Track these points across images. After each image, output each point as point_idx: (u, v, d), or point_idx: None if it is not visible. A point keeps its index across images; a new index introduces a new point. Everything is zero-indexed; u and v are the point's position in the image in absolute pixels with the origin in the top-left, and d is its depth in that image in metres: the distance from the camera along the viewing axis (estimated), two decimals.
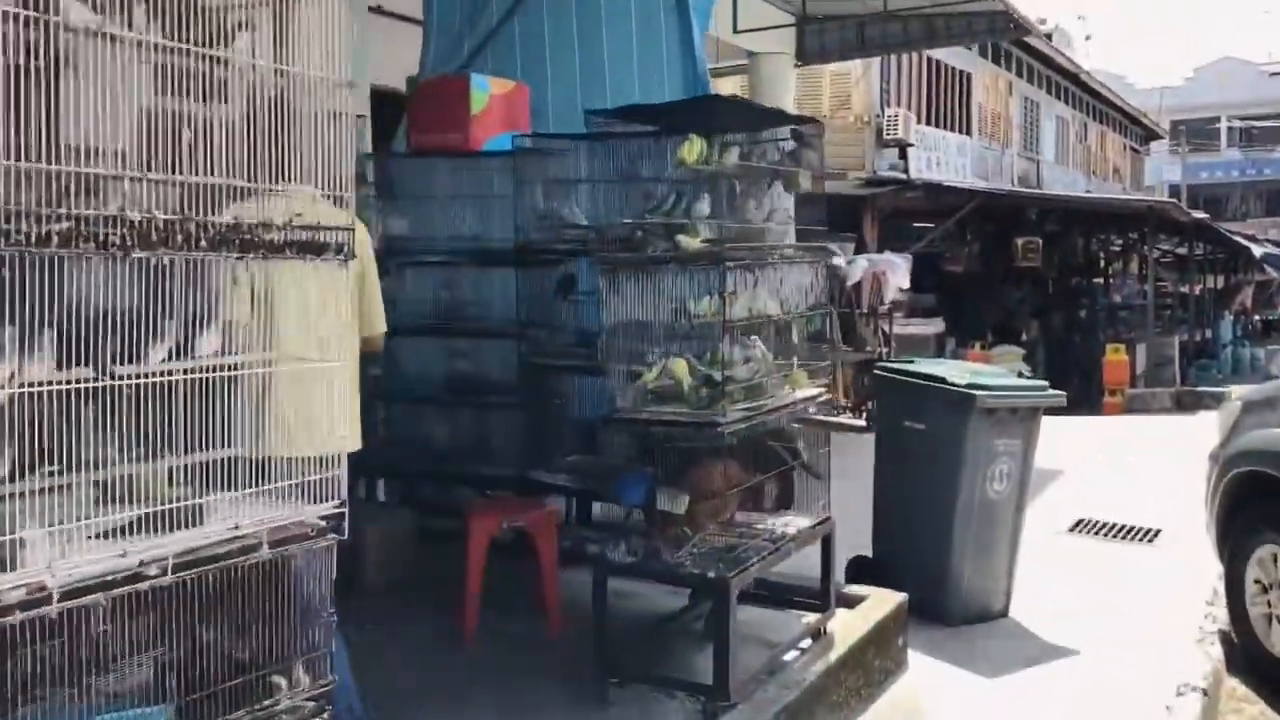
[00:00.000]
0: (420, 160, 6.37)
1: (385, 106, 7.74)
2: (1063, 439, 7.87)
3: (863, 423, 10.90)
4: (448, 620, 5.41)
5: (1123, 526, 8.64)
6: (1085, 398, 17.75)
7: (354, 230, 2.65)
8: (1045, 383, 6.58)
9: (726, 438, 4.34)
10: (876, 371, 6.85)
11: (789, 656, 5.14)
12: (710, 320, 4.41)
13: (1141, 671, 5.79)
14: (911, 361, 6.97)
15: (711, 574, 4.43)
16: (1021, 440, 6.40)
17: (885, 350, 12.21)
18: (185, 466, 2.47)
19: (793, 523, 5.17)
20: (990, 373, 6.66)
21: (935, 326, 18.81)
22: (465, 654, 5.23)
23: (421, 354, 6.60)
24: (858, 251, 15.08)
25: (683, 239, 4.45)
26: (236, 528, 2.39)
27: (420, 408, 6.51)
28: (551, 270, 6.02)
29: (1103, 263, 28.57)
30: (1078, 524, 8.73)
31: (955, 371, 6.47)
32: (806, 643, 5.30)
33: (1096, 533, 8.56)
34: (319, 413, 2.73)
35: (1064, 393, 6.45)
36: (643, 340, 4.50)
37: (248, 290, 2.55)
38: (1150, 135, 42.12)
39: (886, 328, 12.43)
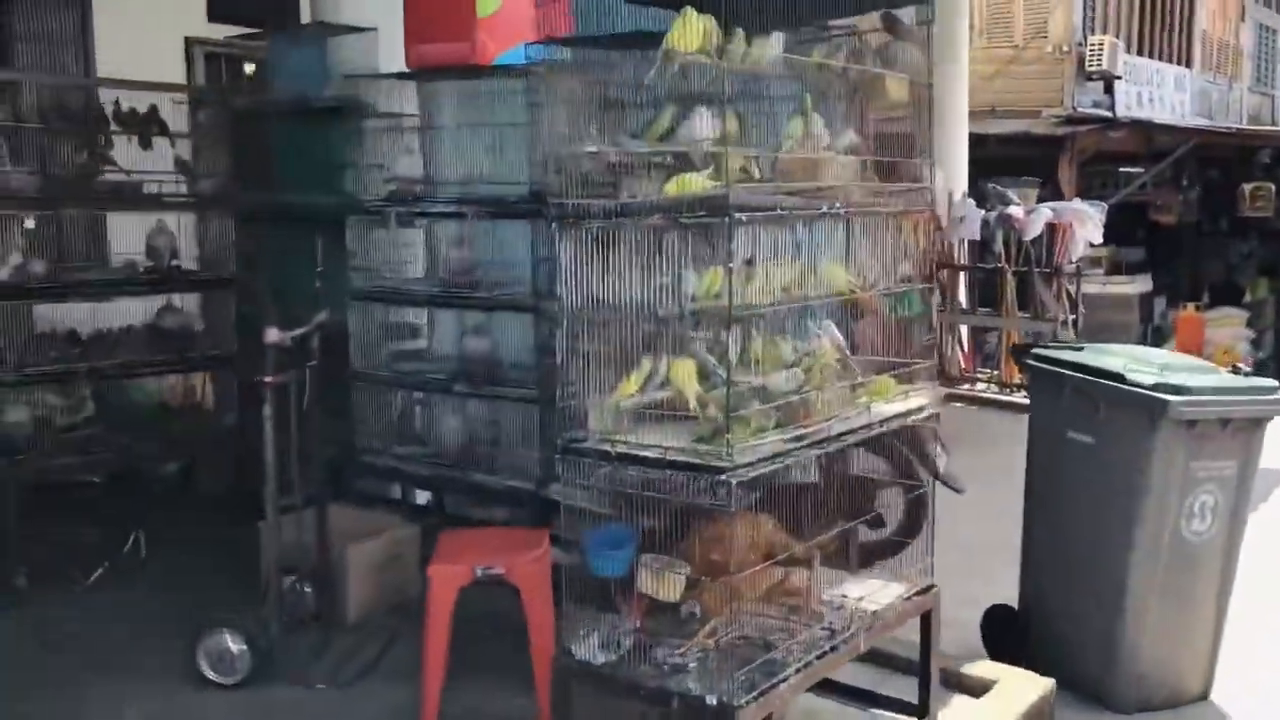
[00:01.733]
0: (422, 82, 4.90)
1: None
2: None
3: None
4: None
5: None
6: None
7: None
8: (1273, 383, 4.59)
9: (735, 491, 2.71)
10: (1029, 361, 5.00)
11: None
12: (708, 306, 2.77)
13: None
14: (1080, 348, 5.07)
15: (712, 698, 2.82)
16: (1236, 463, 4.46)
17: (1072, 317, 10.08)
18: None
19: (876, 594, 3.49)
20: (1189, 367, 4.70)
21: (1141, 285, 16.24)
22: None
23: (436, 329, 5.20)
24: (1046, 198, 12.83)
25: (682, 178, 2.80)
26: None
27: (431, 396, 5.11)
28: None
29: None
30: None
31: (1139, 364, 4.56)
32: None
33: None
34: None
35: None
36: (618, 330, 2.90)
37: None
38: None
39: (1073, 289, 10.28)
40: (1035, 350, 5.03)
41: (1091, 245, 10.26)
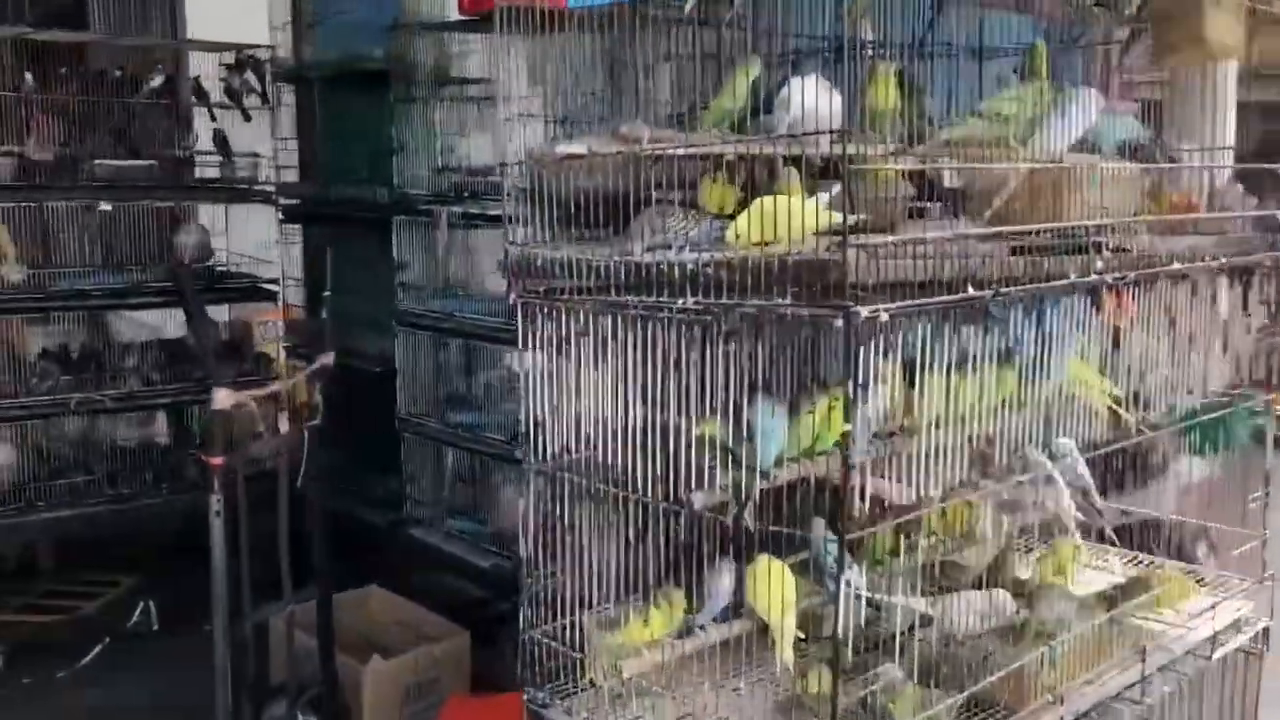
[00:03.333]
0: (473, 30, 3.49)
1: None
2: None
3: None
4: None
5: None
6: None
7: None
8: None
9: None
10: None
11: None
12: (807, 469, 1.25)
13: None
14: None
15: None
16: None
17: None
18: None
19: None
20: None
21: None
22: None
23: (493, 372, 3.83)
24: None
25: (758, 207, 1.28)
26: None
27: (487, 461, 3.75)
28: None
29: None
30: None
31: None
32: None
33: None
34: None
35: None
36: (630, 512, 1.41)
37: None
38: None
39: None
40: None
41: None
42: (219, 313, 4.48)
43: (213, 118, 4.50)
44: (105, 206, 4.48)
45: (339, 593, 3.80)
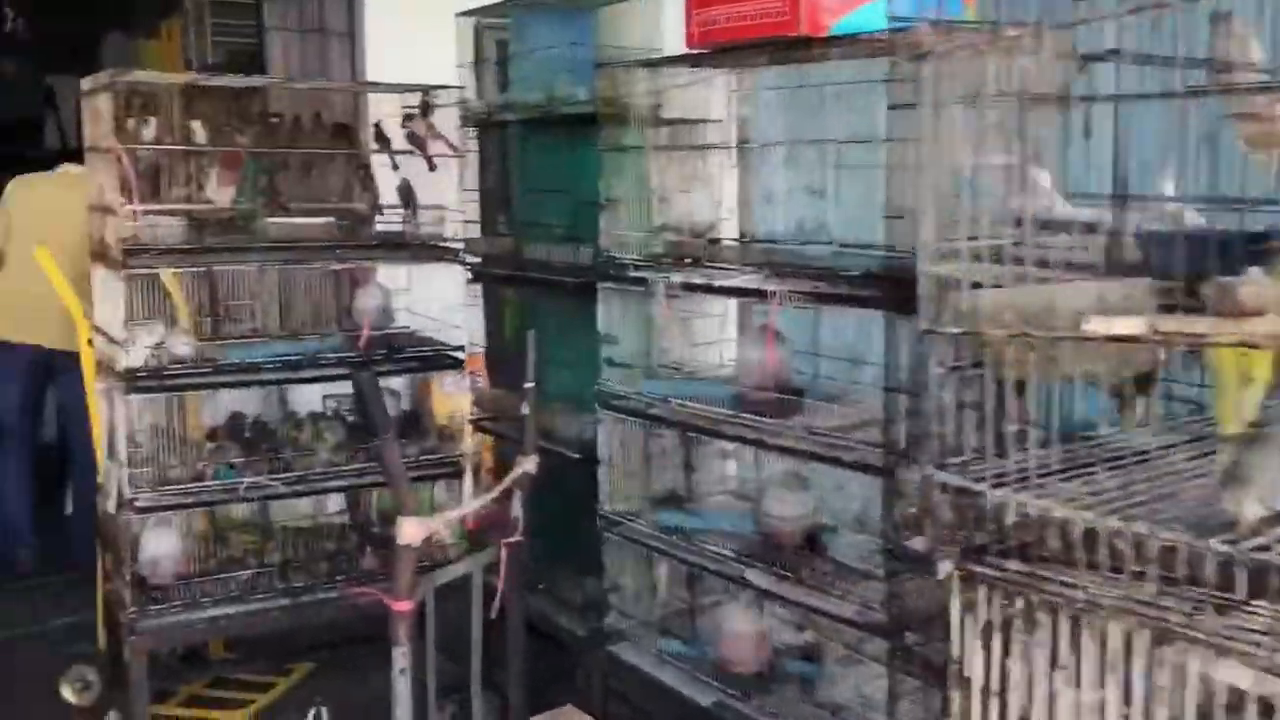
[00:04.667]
0: (705, 66, 2.88)
1: None
2: None
3: None
4: None
5: None
6: None
7: None
8: None
9: None
10: None
11: None
12: None
13: None
14: None
15: None
16: None
17: None
18: None
19: None
20: None
21: None
22: None
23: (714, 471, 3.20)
24: None
25: None
26: None
27: (707, 577, 3.11)
28: None
29: None
30: None
31: None
32: None
33: None
34: None
35: None
36: None
37: None
38: None
39: None
40: None
41: None
42: (393, 382, 4.02)
43: (395, 166, 4.05)
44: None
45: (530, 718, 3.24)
